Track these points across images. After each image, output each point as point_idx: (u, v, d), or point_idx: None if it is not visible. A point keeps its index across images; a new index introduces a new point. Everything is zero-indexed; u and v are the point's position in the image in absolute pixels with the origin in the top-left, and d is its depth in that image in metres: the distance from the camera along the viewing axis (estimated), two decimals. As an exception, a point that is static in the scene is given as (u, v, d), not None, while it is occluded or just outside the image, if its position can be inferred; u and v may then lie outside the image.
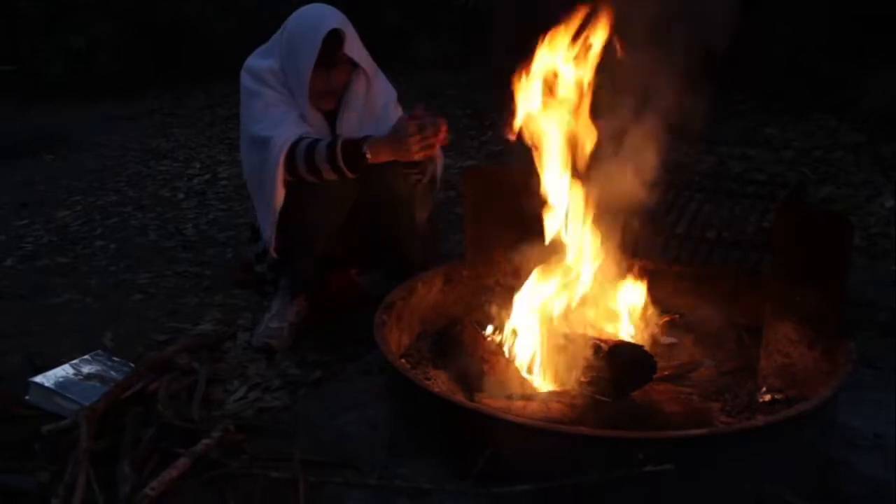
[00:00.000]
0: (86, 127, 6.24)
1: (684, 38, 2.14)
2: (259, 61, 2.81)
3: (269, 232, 2.74)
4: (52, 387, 2.36)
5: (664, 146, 2.22)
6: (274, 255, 2.80)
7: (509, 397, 2.17)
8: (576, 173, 2.32)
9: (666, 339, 2.46)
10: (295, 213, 2.69)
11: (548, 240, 2.35)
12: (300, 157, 2.60)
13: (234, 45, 4.87)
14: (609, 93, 2.24)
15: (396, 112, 2.91)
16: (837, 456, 2.04)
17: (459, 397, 2.18)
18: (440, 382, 2.30)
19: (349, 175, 2.63)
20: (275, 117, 2.71)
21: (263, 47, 2.86)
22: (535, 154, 2.33)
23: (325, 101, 2.80)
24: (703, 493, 1.87)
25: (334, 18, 2.71)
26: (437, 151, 2.71)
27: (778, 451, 1.92)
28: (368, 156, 2.58)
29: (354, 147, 2.60)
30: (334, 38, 2.68)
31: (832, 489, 1.95)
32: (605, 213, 2.35)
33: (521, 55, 2.30)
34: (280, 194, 2.66)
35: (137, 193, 4.65)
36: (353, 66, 2.79)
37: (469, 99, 6.00)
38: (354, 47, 2.75)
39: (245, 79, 2.81)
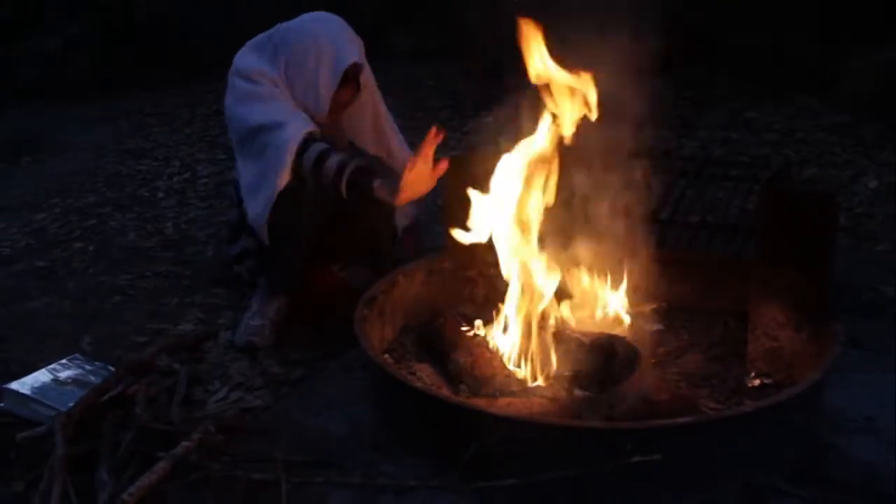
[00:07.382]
0: (63, 128, 6.15)
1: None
2: (251, 65, 2.69)
3: (262, 222, 2.65)
4: (28, 393, 2.32)
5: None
6: (267, 241, 2.69)
7: (494, 392, 2.14)
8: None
9: (651, 327, 2.43)
10: (275, 215, 2.63)
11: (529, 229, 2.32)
12: (308, 161, 2.53)
13: (213, 42, 4.81)
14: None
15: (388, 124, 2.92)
16: (828, 440, 2.02)
17: (443, 392, 2.14)
18: (424, 377, 2.27)
19: (344, 197, 2.54)
20: (283, 109, 2.63)
21: (249, 49, 2.75)
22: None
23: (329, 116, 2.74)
24: (692, 481, 1.84)
25: (353, 49, 2.66)
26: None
27: (767, 437, 1.89)
28: (376, 194, 2.48)
29: (363, 181, 2.49)
30: (353, 68, 2.66)
31: (823, 474, 1.92)
32: (587, 201, 2.32)
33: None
34: (284, 178, 2.56)
35: (116, 194, 4.58)
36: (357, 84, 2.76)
37: (448, 90, 5.95)
38: (367, 72, 2.74)
39: (238, 82, 2.69)
